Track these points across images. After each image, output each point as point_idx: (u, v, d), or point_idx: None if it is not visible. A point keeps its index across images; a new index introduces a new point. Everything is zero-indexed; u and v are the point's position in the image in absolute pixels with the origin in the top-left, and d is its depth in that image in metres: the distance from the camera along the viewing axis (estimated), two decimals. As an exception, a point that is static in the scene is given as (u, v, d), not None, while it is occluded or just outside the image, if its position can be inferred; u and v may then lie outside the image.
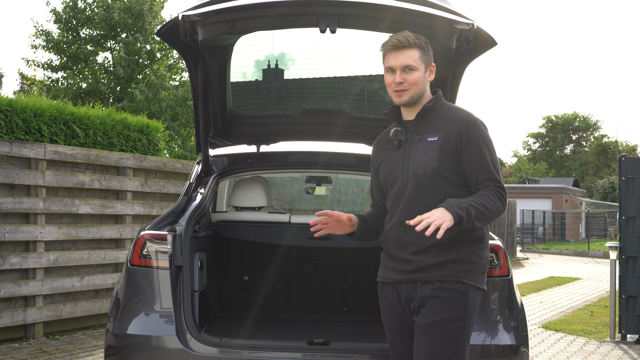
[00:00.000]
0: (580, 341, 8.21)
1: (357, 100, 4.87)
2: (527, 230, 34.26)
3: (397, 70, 3.12)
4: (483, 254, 3.12)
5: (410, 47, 3.11)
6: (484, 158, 3.07)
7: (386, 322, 3.25)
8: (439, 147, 3.07)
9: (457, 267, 3.04)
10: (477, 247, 3.09)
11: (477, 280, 3.08)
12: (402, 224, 3.10)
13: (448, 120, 3.12)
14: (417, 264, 3.07)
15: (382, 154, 3.30)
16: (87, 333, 7.77)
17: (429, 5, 3.46)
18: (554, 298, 12.66)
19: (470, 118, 3.12)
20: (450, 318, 3.02)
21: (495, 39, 3.69)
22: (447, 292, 3.03)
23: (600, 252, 26.28)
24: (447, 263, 3.04)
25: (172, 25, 3.79)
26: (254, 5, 3.44)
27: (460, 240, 3.05)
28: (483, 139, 3.09)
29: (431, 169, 3.07)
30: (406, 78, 3.11)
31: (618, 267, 8.33)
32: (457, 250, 3.05)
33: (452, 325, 3.02)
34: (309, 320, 4.89)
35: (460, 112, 3.16)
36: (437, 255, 3.04)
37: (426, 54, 3.15)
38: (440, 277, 3.04)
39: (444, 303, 3.03)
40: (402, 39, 3.11)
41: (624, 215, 8.18)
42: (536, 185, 43.96)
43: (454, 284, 3.03)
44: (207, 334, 3.81)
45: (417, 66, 3.12)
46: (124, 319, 3.79)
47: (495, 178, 3.08)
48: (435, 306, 3.03)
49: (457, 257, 3.04)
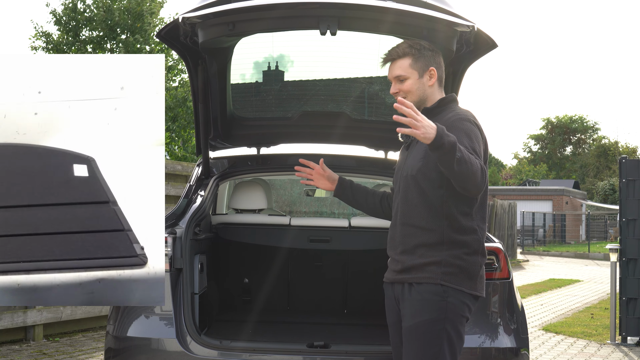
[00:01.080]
0: (581, 344, 8.20)
1: (357, 103, 4.87)
2: (527, 233, 34.25)
3: (393, 81, 3.23)
4: (471, 259, 3.08)
5: (399, 58, 3.19)
6: (459, 140, 2.91)
7: (388, 320, 3.30)
8: (425, 147, 3.07)
9: (437, 269, 3.04)
10: (462, 251, 3.07)
11: (460, 283, 3.05)
12: (395, 225, 3.18)
13: (442, 122, 3.12)
14: (402, 264, 3.12)
15: (400, 154, 3.40)
16: (87, 335, 7.77)
17: (429, 7, 3.46)
18: (555, 300, 12.65)
19: (458, 116, 3.10)
20: (428, 320, 3.02)
21: (495, 41, 3.69)
22: (425, 295, 3.04)
23: (600, 254, 26.28)
24: (428, 265, 3.05)
25: (172, 27, 3.79)
26: (254, 8, 3.44)
27: (445, 242, 3.06)
28: (465, 129, 3.02)
29: (416, 169, 3.09)
30: (400, 87, 3.20)
31: (618, 269, 8.33)
32: (440, 253, 3.05)
33: (430, 328, 3.02)
34: (309, 323, 4.88)
35: (453, 113, 3.15)
36: (420, 257, 3.07)
37: (419, 60, 3.17)
38: (420, 279, 3.06)
39: (422, 305, 3.04)
40: (392, 52, 3.22)
41: (624, 218, 8.17)
42: (536, 187, 43.96)
43: (432, 287, 3.04)
44: (207, 337, 3.81)
45: (407, 75, 3.17)
46: (124, 321, 3.79)
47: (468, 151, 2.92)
48: (414, 309, 3.06)
49: (438, 259, 3.05)
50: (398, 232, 3.15)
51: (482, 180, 2.93)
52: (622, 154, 46.79)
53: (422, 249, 3.06)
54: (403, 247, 3.12)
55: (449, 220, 3.05)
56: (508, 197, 37.62)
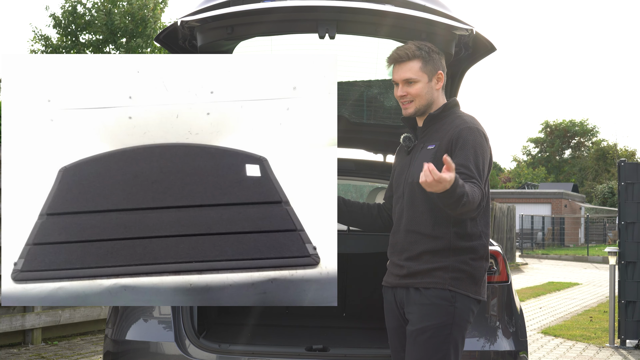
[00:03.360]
0: (580, 346, 8.20)
1: (356, 106, 4.87)
2: (526, 236, 34.24)
3: (399, 83, 3.15)
4: (476, 264, 3.09)
5: (410, 60, 3.12)
6: (466, 158, 2.98)
7: (387, 325, 3.29)
8: (433, 154, 3.07)
9: (444, 275, 3.04)
10: (469, 257, 3.07)
11: (466, 289, 3.06)
12: (398, 231, 3.15)
13: (448, 128, 3.11)
14: (408, 269, 3.09)
15: (397, 158, 3.36)
16: (86, 339, 7.76)
17: (428, 10, 3.46)
18: (553, 303, 12.65)
19: (467, 125, 3.09)
20: (436, 325, 3.02)
21: (494, 45, 3.69)
22: (433, 299, 3.03)
23: (599, 257, 26.28)
24: (435, 270, 3.04)
25: (171, 31, 3.78)
26: (253, 11, 3.43)
27: (452, 249, 3.05)
28: (473, 144, 3.03)
29: None
30: (408, 91, 3.13)
31: (617, 273, 8.33)
32: (447, 259, 3.05)
33: (438, 332, 3.02)
34: (308, 326, 4.87)
35: (461, 120, 3.14)
36: (426, 262, 3.05)
37: (429, 63, 3.14)
38: (427, 284, 3.05)
39: (430, 310, 3.03)
40: (401, 53, 3.13)
41: (623, 221, 8.17)
42: (535, 191, 43.98)
43: (440, 292, 3.03)
44: (206, 340, 3.80)
45: (417, 78, 3.12)
46: (123, 325, 3.78)
47: (473, 176, 2.95)
48: (422, 313, 3.05)
49: (445, 265, 3.04)
50: (402, 238, 3.12)
51: (480, 206, 2.98)
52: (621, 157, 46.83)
53: (427, 255, 3.05)
54: (408, 253, 3.09)
55: (457, 227, 3.04)
56: (507, 200, 37.65)
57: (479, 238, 3.10)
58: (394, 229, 3.20)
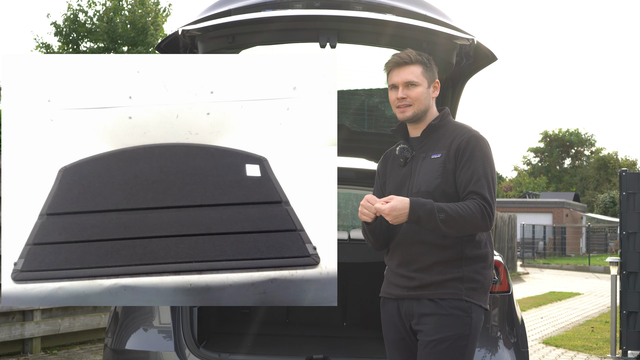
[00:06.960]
0: (581, 357, 8.17)
1: (357, 115, 4.87)
2: (527, 245, 34.20)
3: (400, 86, 3.11)
4: (487, 273, 3.08)
5: (412, 63, 3.10)
6: (475, 171, 3.01)
7: (386, 337, 3.23)
8: (441, 164, 3.05)
9: (460, 285, 3.01)
10: (480, 266, 3.06)
11: (480, 299, 3.04)
12: (406, 242, 3.08)
13: (452, 137, 3.10)
14: (419, 281, 3.04)
15: (389, 170, 3.27)
16: (85, 348, 7.74)
17: (429, 20, 3.46)
18: (555, 313, 12.62)
19: (473, 134, 3.09)
20: (454, 336, 2.99)
21: (495, 54, 3.69)
22: (451, 310, 3.00)
23: (601, 267, 26.23)
24: (450, 281, 3.01)
25: (172, 40, 3.79)
26: (254, 20, 3.43)
27: (463, 258, 3.03)
28: (482, 155, 3.05)
29: (434, 186, 3.04)
30: (408, 94, 3.10)
31: (619, 283, 8.31)
32: (460, 269, 3.02)
33: (455, 343, 2.99)
34: (308, 336, 4.86)
35: (464, 129, 3.13)
36: (439, 273, 3.02)
37: (429, 70, 3.14)
38: (443, 295, 3.01)
39: (448, 321, 3.00)
40: (403, 56, 3.11)
41: (624, 231, 8.16)
42: (536, 200, 43.95)
43: (457, 302, 3.00)
44: (205, 350, 3.78)
45: (419, 82, 3.10)
46: (123, 334, 3.76)
47: (482, 193, 3.00)
48: (439, 324, 3.00)
49: (460, 275, 3.02)
50: (408, 249, 3.06)
51: (485, 218, 2.96)
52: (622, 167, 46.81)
53: (439, 266, 3.01)
54: (418, 264, 3.05)
55: (468, 236, 3.02)
56: (508, 209, 37.60)
57: (485, 246, 3.08)
58: (397, 240, 3.12)
